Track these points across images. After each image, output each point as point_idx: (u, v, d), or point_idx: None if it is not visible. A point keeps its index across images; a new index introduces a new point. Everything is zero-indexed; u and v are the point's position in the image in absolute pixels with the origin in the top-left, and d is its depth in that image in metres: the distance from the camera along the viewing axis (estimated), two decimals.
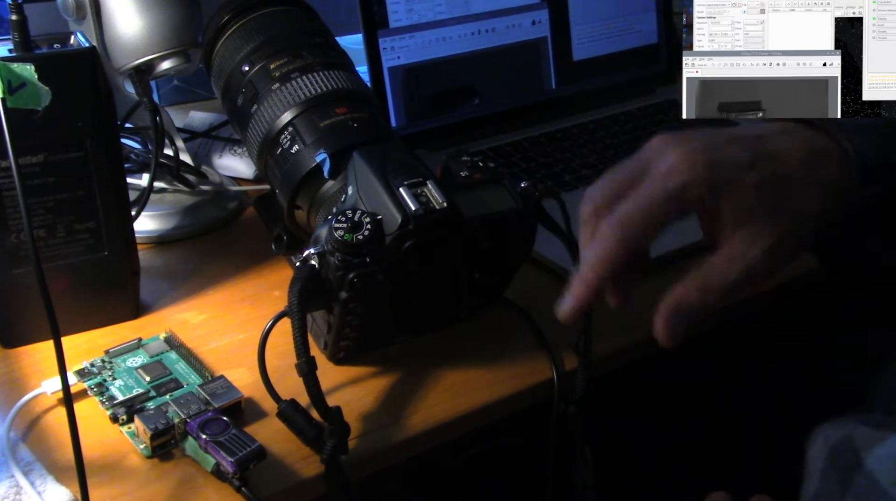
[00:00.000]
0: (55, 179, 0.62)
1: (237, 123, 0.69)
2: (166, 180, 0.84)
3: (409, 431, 0.59)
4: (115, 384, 0.61)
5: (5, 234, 0.62)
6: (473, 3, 0.97)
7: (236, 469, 0.52)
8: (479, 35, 0.98)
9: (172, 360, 0.63)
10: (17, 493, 0.53)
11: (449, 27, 0.96)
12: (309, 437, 0.56)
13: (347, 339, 0.61)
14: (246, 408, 0.60)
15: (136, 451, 0.56)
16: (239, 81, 0.68)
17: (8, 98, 0.49)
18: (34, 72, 0.52)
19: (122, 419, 0.58)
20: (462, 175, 0.60)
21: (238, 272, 0.76)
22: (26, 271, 0.63)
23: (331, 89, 0.65)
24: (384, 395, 0.62)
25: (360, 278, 0.54)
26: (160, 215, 0.82)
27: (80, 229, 0.64)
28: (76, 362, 0.62)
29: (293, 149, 0.63)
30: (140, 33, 0.77)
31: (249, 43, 0.68)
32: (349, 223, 0.54)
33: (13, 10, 0.60)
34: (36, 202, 0.62)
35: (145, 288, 0.71)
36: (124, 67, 0.78)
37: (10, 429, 0.57)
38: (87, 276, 0.65)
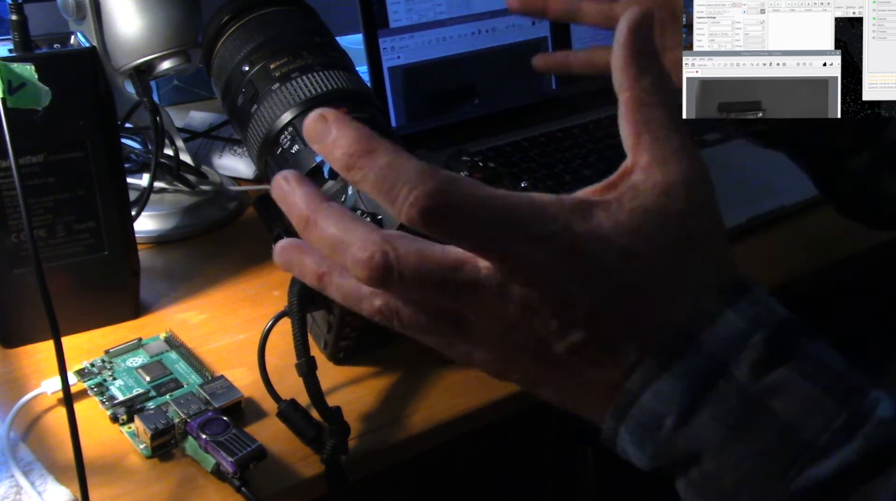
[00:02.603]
0: (55, 179, 0.62)
1: (237, 123, 0.69)
2: (166, 180, 0.84)
3: (409, 431, 0.59)
4: (115, 384, 0.61)
5: (5, 234, 0.62)
6: (473, 3, 0.97)
7: (236, 469, 0.52)
8: (479, 35, 0.98)
9: (172, 360, 0.63)
10: (17, 493, 0.53)
11: (449, 27, 0.96)
12: (309, 437, 0.56)
13: (347, 339, 0.61)
14: (246, 408, 0.60)
15: (136, 451, 0.56)
16: (239, 81, 0.68)
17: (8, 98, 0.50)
18: (34, 72, 0.52)
19: (122, 419, 0.58)
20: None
21: (238, 272, 0.76)
22: (26, 271, 0.63)
23: (331, 89, 0.65)
24: (384, 395, 0.62)
25: None
26: (160, 215, 0.82)
27: (80, 229, 0.64)
28: (76, 362, 0.62)
29: (293, 149, 0.63)
30: (140, 33, 0.77)
31: (249, 43, 0.68)
32: None
33: (13, 10, 0.60)
34: (36, 202, 0.62)
35: (145, 288, 0.71)
36: (124, 67, 0.78)
37: (10, 429, 0.57)
38: (87, 276, 0.65)
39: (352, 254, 0.37)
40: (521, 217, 0.36)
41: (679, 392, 0.37)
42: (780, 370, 0.37)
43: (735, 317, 0.38)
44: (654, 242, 0.38)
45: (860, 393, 0.37)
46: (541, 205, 0.37)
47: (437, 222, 0.36)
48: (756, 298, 0.39)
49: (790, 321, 0.39)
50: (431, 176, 0.35)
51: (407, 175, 0.35)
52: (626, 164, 0.40)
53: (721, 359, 0.37)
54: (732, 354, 0.37)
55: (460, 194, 0.36)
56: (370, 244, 0.37)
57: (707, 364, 0.37)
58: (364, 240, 0.37)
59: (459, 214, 0.35)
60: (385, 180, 0.35)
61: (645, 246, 0.38)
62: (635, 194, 0.39)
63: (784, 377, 0.37)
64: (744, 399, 0.37)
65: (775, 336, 0.38)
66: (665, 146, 0.40)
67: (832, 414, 0.36)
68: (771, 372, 0.37)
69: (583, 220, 0.38)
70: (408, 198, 0.35)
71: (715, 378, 0.37)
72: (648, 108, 0.40)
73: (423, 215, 0.35)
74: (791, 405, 0.36)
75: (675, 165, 0.39)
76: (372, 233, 0.37)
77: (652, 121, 0.40)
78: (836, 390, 0.37)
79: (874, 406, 0.37)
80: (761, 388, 0.37)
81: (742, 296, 0.39)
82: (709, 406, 0.37)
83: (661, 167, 0.39)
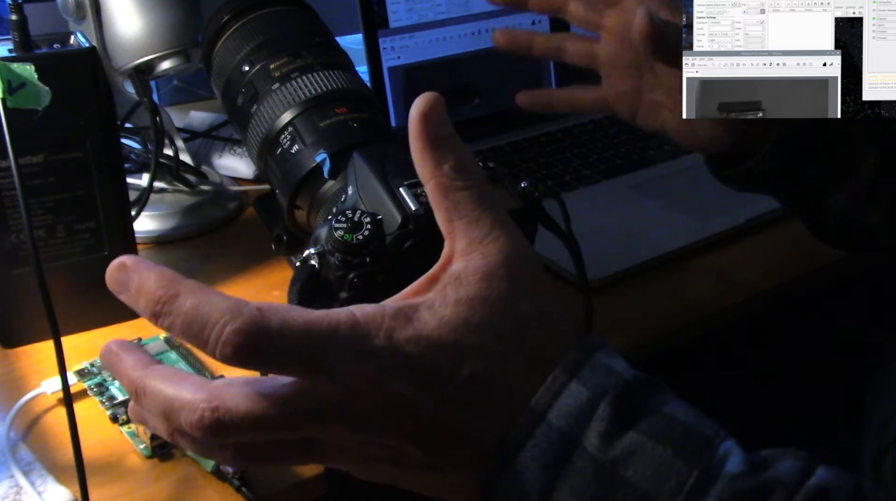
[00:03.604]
0: (55, 179, 0.62)
1: (237, 123, 0.69)
2: (166, 180, 0.84)
3: None
4: (115, 384, 0.60)
5: (5, 234, 0.62)
6: (473, 3, 0.97)
7: (236, 469, 0.52)
8: (479, 35, 0.98)
9: (172, 360, 0.63)
10: (17, 493, 0.53)
11: (449, 27, 0.96)
12: None
13: None
14: None
15: (136, 451, 0.56)
16: (239, 81, 0.68)
17: (8, 98, 0.50)
18: (34, 72, 0.52)
19: (122, 419, 0.58)
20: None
21: (238, 272, 0.76)
22: (26, 271, 0.63)
23: (331, 89, 0.65)
24: None
25: (360, 278, 0.54)
26: (160, 215, 0.82)
27: (80, 229, 0.64)
28: (76, 362, 0.62)
29: (293, 149, 0.63)
30: (140, 33, 0.77)
31: (249, 43, 0.68)
32: (349, 223, 0.54)
33: (13, 10, 0.60)
34: (36, 202, 0.62)
35: None
36: (124, 67, 0.78)
37: (10, 429, 0.57)
38: (87, 276, 0.65)
39: (183, 418, 0.36)
40: (342, 337, 0.36)
41: (536, 473, 0.37)
42: (629, 434, 0.37)
43: (578, 387, 0.38)
44: (484, 331, 0.38)
45: (710, 448, 0.37)
46: (363, 320, 0.37)
47: (254, 357, 0.35)
48: (598, 363, 0.39)
49: (636, 380, 0.39)
50: (240, 312, 0.35)
51: (215, 315, 0.35)
52: (444, 253, 0.40)
53: (571, 432, 0.37)
54: (581, 425, 0.37)
55: (274, 325, 0.35)
56: (198, 404, 0.36)
57: (559, 439, 0.37)
58: (191, 402, 0.36)
59: (274, 345, 0.35)
60: (193, 323, 0.35)
61: (475, 337, 0.38)
62: (458, 285, 0.39)
63: (634, 442, 0.37)
64: (597, 472, 0.37)
65: (621, 399, 0.38)
66: (479, 228, 0.40)
67: (684, 476, 0.36)
68: (621, 438, 0.37)
69: (406, 325, 0.37)
70: (219, 339, 0.34)
71: (568, 453, 0.37)
72: (454, 192, 0.40)
73: (238, 353, 0.34)
74: (643, 471, 0.36)
75: (492, 245, 0.39)
76: (198, 391, 0.36)
77: (461, 205, 0.40)
78: (686, 448, 0.37)
79: (724, 461, 0.37)
80: (613, 457, 0.36)
81: (584, 364, 0.38)
82: (566, 483, 0.37)
83: (479, 250, 0.39)
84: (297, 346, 0.35)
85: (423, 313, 0.38)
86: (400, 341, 0.37)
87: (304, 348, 0.35)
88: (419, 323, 0.37)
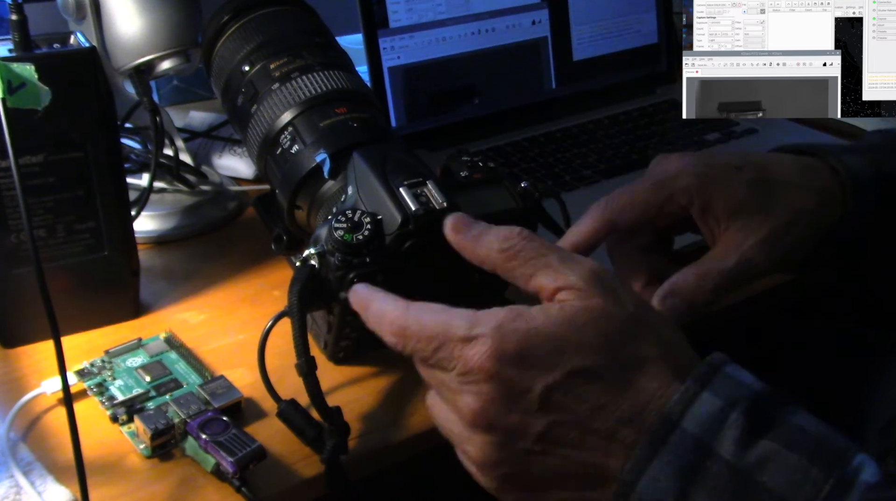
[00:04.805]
0: (55, 179, 0.62)
1: (237, 123, 0.69)
2: (166, 180, 0.84)
3: (409, 431, 0.59)
4: (115, 384, 0.60)
5: (5, 234, 0.62)
6: (473, 3, 0.97)
7: (236, 469, 0.52)
8: (479, 35, 0.98)
9: (172, 360, 0.63)
10: (17, 493, 0.53)
11: (449, 27, 0.96)
12: (309, 437, 0.56)
13: (347, 339, 0.61)
14: (246, 408, 0.60)
15: (136, 451, 0.56)
16: (239, 81, 0.68)
17: (8, 98, 0.49)
18: (34, 72, 0.52)
19: (122, 419, 0.58)
20: (462, 175, 0.60)
21: (238, 272, 0.76)
22: (26, 271, 0.63)
23: (331, 89, 0.65)
24: (384, 395, 0.62)
25: (360, 278, 0.54)
26: (160, 215, 0.82)
27: (80, 229, 0.64)
28: (76, 362, 0.62)
29: (293, 149, 0.63)
30: (140, 33, 0.77)
31: (249, 43, 0.68)
32: (349, 223, 0.54)
33: (13, 10, 0.60)
34: (36, 202, 0.62)
35: (145, 288, 0.71)
36: (124, 67, 0.78)
37: (10, 429, 0.57)
38: (87, 276, 0.65)
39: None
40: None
41: (672, 478, 0.38)
42: (763, 441, 0.38)
43: (711, 397, 0.39)
44: (593, 328, 0.41)
45: (844, 459, 0.38)
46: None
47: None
48: (727, 375, 0.41)
49: (765, 392, 0.40)
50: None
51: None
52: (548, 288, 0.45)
53: (704, 440, 0.38)
54: (714, 433, 0.38)
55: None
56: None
57: (692, 446, 0.39)
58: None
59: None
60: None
61: (584, 333, 0.41)
62: (565, 298, 0.43)
63: (769, 449, 0.38)
64: (734, 476, 0.38)
65: (753, 409, 0.39)
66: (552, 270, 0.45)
67: (820, 483, 0.37)
68: (755, 445, 0.38)
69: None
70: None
71: (703, 459, 0.38)
72: (525, 262, 0.47)
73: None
74: (780, 477, 0.37)
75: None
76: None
77: (528, 264, 0.46)
78: (820, 457, 0.38)
79: (859, 471, 0.37)
80: (749, 463, 0.38)
81: (714, 375, 0.40)
82: (702, 488, 0.38)
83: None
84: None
85: (532, 310, 0.43)
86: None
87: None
88: (529, 315, 0.43)
